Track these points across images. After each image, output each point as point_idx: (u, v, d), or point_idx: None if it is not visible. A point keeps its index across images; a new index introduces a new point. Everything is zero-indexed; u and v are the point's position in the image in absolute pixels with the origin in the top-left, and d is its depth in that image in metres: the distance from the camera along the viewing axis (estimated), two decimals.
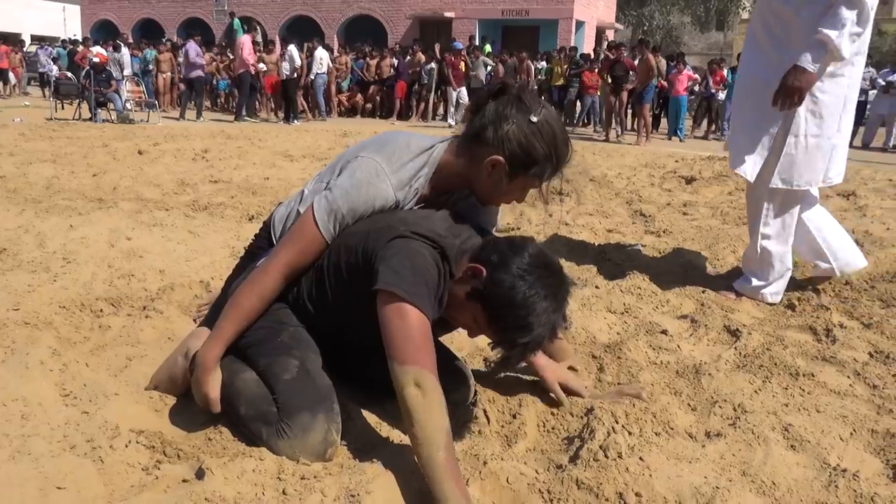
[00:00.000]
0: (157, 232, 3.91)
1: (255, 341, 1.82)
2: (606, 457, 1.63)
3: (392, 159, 1.80)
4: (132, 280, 2.98)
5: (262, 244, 2.07)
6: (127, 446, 1.63)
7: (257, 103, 16.22)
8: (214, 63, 17.46)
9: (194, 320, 2.50)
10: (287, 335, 1.82)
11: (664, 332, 2.64)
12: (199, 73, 14.58)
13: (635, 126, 13.65)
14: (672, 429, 1.88)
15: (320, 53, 15.50)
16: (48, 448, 1.58)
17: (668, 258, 3.74)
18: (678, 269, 3.49)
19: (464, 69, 15.32)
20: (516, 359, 1.72)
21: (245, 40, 14.46)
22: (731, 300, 3.12)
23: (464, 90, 15.20)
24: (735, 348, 2.52)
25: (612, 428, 1.75)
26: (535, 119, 1.72)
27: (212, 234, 3.99)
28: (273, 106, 16.21)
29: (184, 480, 1.54)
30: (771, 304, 3.12)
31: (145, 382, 2.00)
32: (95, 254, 3.36)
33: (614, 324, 2.75)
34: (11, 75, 19.23)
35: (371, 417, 1.92)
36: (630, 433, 1.77)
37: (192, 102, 14.71)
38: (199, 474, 1.51)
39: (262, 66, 15.08)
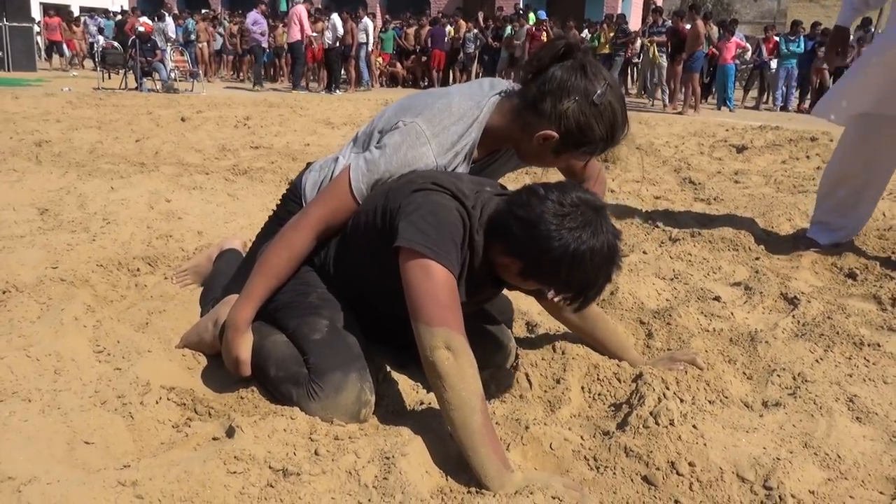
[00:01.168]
0: (196, 195, 3.88)
1: (284, 304, 1.75)
2: (657, 424, 1.53)
3: (433, 122, 1.71)
4: (170, 241, 2.95)
5: (291, 208, 1.98)
6: (158, 403, 1.59)
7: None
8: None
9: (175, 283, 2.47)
10: (316, 296, 1.75)
11: (716, 298, 2.51)
12: (259, 40, 14.61)
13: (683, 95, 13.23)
14: (727, 397, 1.77)
15: (365, 23, 15.36)
16: (79, 403, 1.55)
17: (720, 225, 3.57)
18: (730, 236, 3.32)
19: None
20: (586, 306, 1.60)
21: (301, 10, 14.37)
22: (797, 258, 3.03)
23: None
24: (793, 316, 2.38)
25: (663, 394, 1.64)
26: (597, 99, 1.62)
27: (251, 197, 3.95)
28: (314, 76, 16.20)
29: (214, 438, 1.49)
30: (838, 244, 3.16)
31: (175, 338, 1.96)
32: (135, 215, 3.35)
33: (663, 290, 2.63)
34: (66, 48, 19.36)
35: (406, 381, 1.85)
36: (682, 400, 1.66)
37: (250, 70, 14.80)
38: (230, 432, 1.45)
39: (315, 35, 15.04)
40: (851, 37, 13.28)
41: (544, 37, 14.11)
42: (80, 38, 19.10)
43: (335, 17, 14.61)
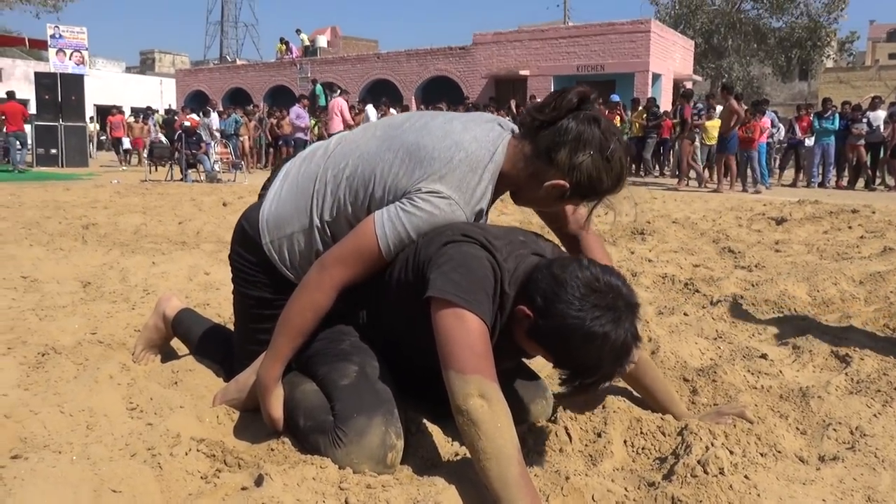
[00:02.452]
0: None
1: (316, 352, 1.74)
2: (706, 473, 1.44)
3: (462, 188, 1.65)
4: (207, 308, 2.97)
5: (256, 276, 1.90)
6: (187, 454, 1.55)
7: None
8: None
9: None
10: (348, 343, 1.73)
11: (763, 356, 2.41)
12: (300, 135, 15.15)
13: (716, 175, 13.21)
14: (780, 451, 1.68)
15: (369, 111, 15.80)
16: (108, 454, 1.52)
17: (763, 289, 3.48)
18: (774, 299, 3.24)
19: (618, 123, 14.32)
20: (590, 391, 1.61)
21: (342, 103, 14.89)
22: (846, 319, 2.88)
23: None
24: (846, 374, 2.27)
25: (711, 443, 1.56)
26: (611, 155, 1.65)
27: None
28: None
29: (243, 488, 1.44)
30: None
31: (208, 395, 1.94)
32: (174, 286, 3.39)
33: (707, 349, 2.54)
34: (129, 143, 20.04)
35: (440, 433, 1.79)
36: (732, 452, 1.58)
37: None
38: (258, 481, 1.41)
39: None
40: (886, 110, 13.17)
41: (617, 121, 14.14)
42: (146, 134, 19.14)
43: (370, 108, 15.12)
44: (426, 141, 1.69)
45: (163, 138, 15.79)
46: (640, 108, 16.19)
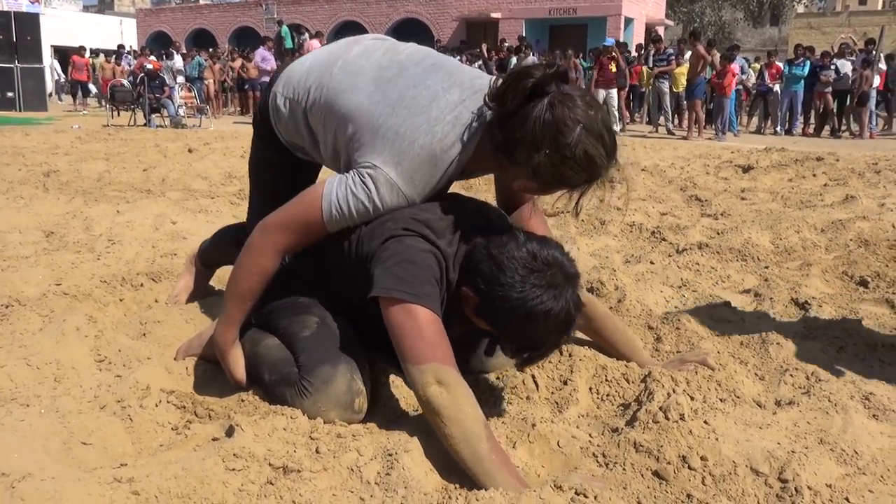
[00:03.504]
0: (201, 217, 3.89)
1: (275, 307, 1.75)
2: (667, 419, 1.49)
3: (415, 180, 1.58)
4: (174, 258, 2.95)
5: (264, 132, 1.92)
6: (157, 406, 1.56)
7: None
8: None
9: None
10: (306, 298, 1.74)
11: (726, 304, 2.47)
12: (266, 78, 14.74)
13: (686, 122, 13.25)
14: (738, 396, 1.73)
15: None
16: (77, 406, 1.52)
17: (727, 238, 3.54)
18: (738, 247, 3.30)
19: (614, 69, 13.20)
20: (533, 364, 1.66)
21: (316, 44, 14.54)
22: (807, 267, 2.95)
23: (614, 91, 12.99)
24: (804, 321, 2.34)
25: (673, 390, 1.61)
26: (570, 151, 1.44)
27: None
28: None
29: (214, 439, 1.46)
30: None
31: (176, 346, 1.94)
32: (140, 235, 3.35)
33: (671, 297, 2.60)
34: (91, 87, 19.31)
35: (406, 386, 1.81)
36: (692, 398, 1.63)
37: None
38: (229, 432, 1.42)
39: None
40: (854, 59, 13.20)
41: (613, 67, 13.14)
42: (120, 75, 17.36)
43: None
44: (402, 110, 1.60)
45: (125, 82, 15.30)
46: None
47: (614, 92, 13.22)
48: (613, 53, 13.32)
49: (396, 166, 1.57)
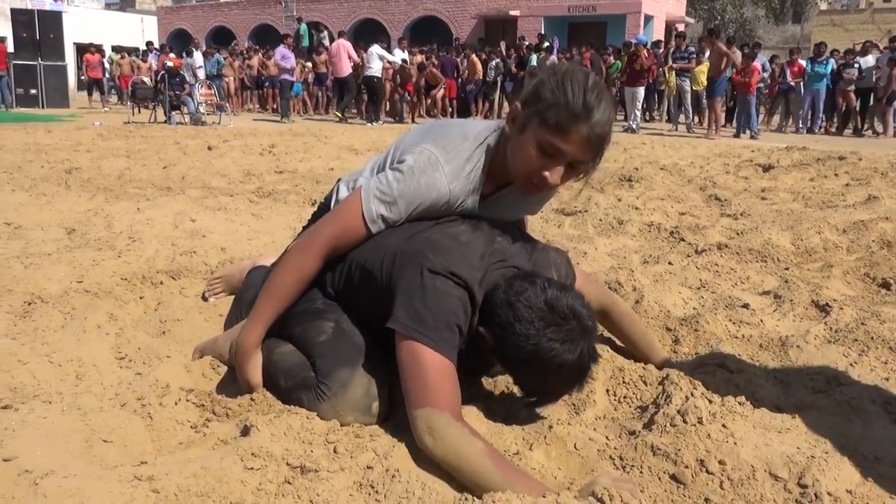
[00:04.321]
0: (220, 215, 3.91)
1: (290, 314, 1.72)
2: (685, 422, 1.48)
3: (447, 149, 1.65)
4: (194, 256, 2.97)
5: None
6: (177, 404, 1.58)
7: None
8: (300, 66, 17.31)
9: (204, 297, 2.46)
10: (321, 302, 1.73)
11: (745, 306, 2.45)
12: (286, 76, 14.78)
13: (706, 121, 13.13)
14: (758, 400, 1.72)
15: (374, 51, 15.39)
16: (98, 404, 1.54)
17: (747, 238, 3.51)
18: (758, 248, 3.27)
19: (639, 68, 13.38)
20: (543, 406, 1.69)
21: (347, 44, 14.59)
22: (828, 268, 2.91)
23: (640, 90, 13.43)
24: (825, 323, 2.31)
25: (691, 393, 1.59)
26: (557, 72, 1.54)
27: (275, 216, 3.97)
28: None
29: (232, 438, 1.47)
30: None
31: (194, 341, 1.95)
32: (160, 233, 3.38)
33: (690, 298, 2.58)
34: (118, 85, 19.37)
35: None
36: (710, 401, 1.61)
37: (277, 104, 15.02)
38: (245, 431, 1.43)
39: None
40: (879, 55, 12.99)
41: (638, 66, 13.25)
42: (146, 74, 17.47)
43: (377, 48, 14.64)
44: (436, 127, 1.79)
45: (145, 79, 15.43)
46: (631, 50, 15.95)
47: (641, 91, 13.15)
48: (641, 52, 13.23)
49: (433, 143, 1.66)
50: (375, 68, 14.27)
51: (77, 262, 2.80)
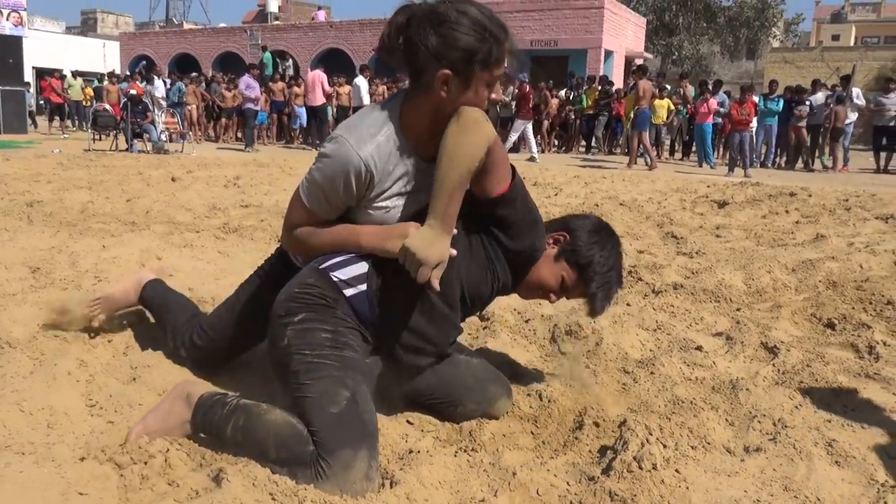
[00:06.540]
0: (186, 252, 3.93)
1: (310, 361, 1.68)
2: (641, 468, 1.57)
3: (350, 126, 1.80)
4: None
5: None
6: (149, 454, 1.61)
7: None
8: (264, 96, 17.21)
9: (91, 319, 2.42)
10: (348, 360, 1.71)
11: (698, 348, 2.57)
12: (249, 105, 14.79)
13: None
14: (709, 443, 1.81)
15: (359, 83, 15.57)
16: (71, 454, 1.57)
17: (702, 278, 3.65)
18: (712, 288, 3.41)
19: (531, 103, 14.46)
20: (601, 305, 1.98)
21: (322, 75, 14.85)
22: (777, 309, 3.06)
23: (525, 123, 14.24)
24: (773, 365, 2.43)
25: (647, 440, 1.68)
26: (451, 18, 1.64)
27: (241, 254, 4.00)
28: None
29: (205, 489, 1.51)
30: None
31: (166, 387, 1.99)
32: (126, 271, 3.38)
33: (647, 340, 2.68)
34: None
35: (398, 428, 1.88)
36: (665, 446, 1.70)
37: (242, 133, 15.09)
38: (217, 479, 1.47)
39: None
40: (829, 93, 13.45)
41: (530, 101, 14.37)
42: (115, 101, 16.60)
43: (360, 80, 14.87)
44: None
45: (107, 107, 15.29)
46: (595, 85, 16.41)
47: (525, 123, 14.07)
48: (524, 88, 14.17)
49: (340, 127, 1.82)
50: (366, 100, 14.49)
51: (43, 302, 2.80)
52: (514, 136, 14.23)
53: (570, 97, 16.95)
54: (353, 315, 1.77)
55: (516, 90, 14.49)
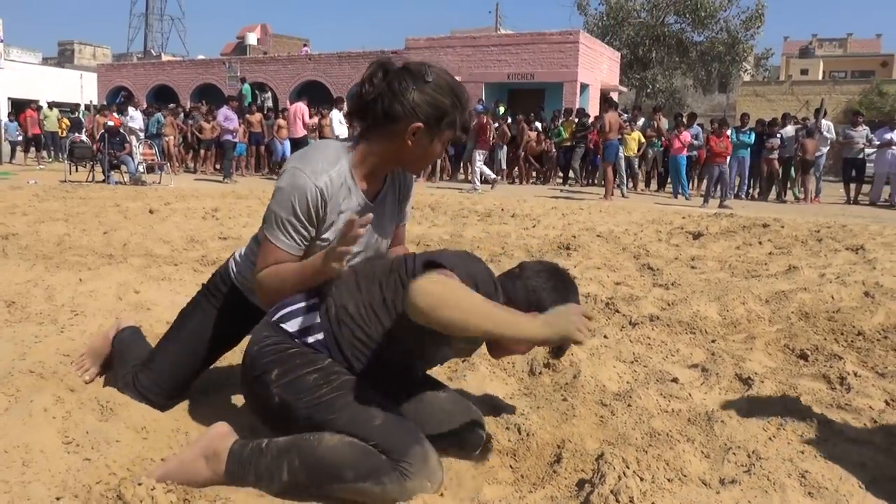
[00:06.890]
0: (165, 286, 3.92)
1: (317, 400, 1.72)
2: (618, 502, 1.58)
3: (304, 158, 1.89)
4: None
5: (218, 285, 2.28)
6: (129, 494, 1.60)
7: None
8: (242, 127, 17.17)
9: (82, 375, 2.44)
10: (349, 386, 1.75)
11: (675, 380, 2.60)
12: (228, 137, 14.83)
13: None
14: (685, 475, 1.84)
15: (334, 116, 15.70)
16: (47, 493, 1.55)
17: (677, 310, 3.71)
18: (687, 320, 3.46)
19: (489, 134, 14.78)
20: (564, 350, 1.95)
21: (303, 108, 15.03)
22: (751, 340, 3.10)
23: (480, 152, 14.39)
24: (747, 396, 2.47)
25: (623, 472, 1.70)
26: (430, 80, 1.83)
27: None
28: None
29: None
30: None
31: (144, 427, 1.97)
32: (103, 306, 3.37)
33: (624, 373, 2.71)
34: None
35: None
36: (642, 479, 1.73)
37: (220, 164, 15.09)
38: None
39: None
40: (799, 126, 13.81)
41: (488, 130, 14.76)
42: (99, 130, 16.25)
43: (335, 113, 15.04)
44: None
45: (84, 138, 15.23)
46: (572, 117, 16.68)
47: (480, 153, 14.29)
48: (482, 119, 14.43)
49: (295, 160, 1.90)
50: (341, 133, 14.60)
51: (18, 338, 2.78)
52: (479, 168, 14.32)
53: (548, 130, 17.20)
54: (325, 351, 1.79)
55: (474, 122, 14.67)
